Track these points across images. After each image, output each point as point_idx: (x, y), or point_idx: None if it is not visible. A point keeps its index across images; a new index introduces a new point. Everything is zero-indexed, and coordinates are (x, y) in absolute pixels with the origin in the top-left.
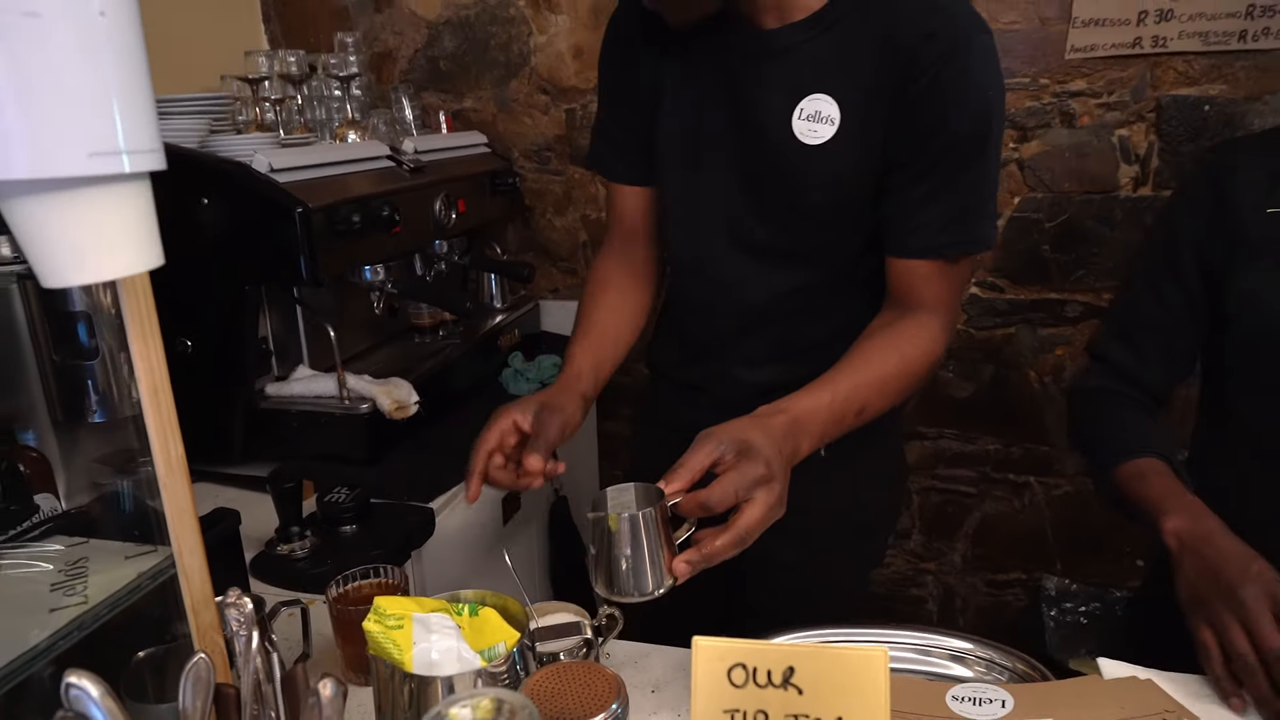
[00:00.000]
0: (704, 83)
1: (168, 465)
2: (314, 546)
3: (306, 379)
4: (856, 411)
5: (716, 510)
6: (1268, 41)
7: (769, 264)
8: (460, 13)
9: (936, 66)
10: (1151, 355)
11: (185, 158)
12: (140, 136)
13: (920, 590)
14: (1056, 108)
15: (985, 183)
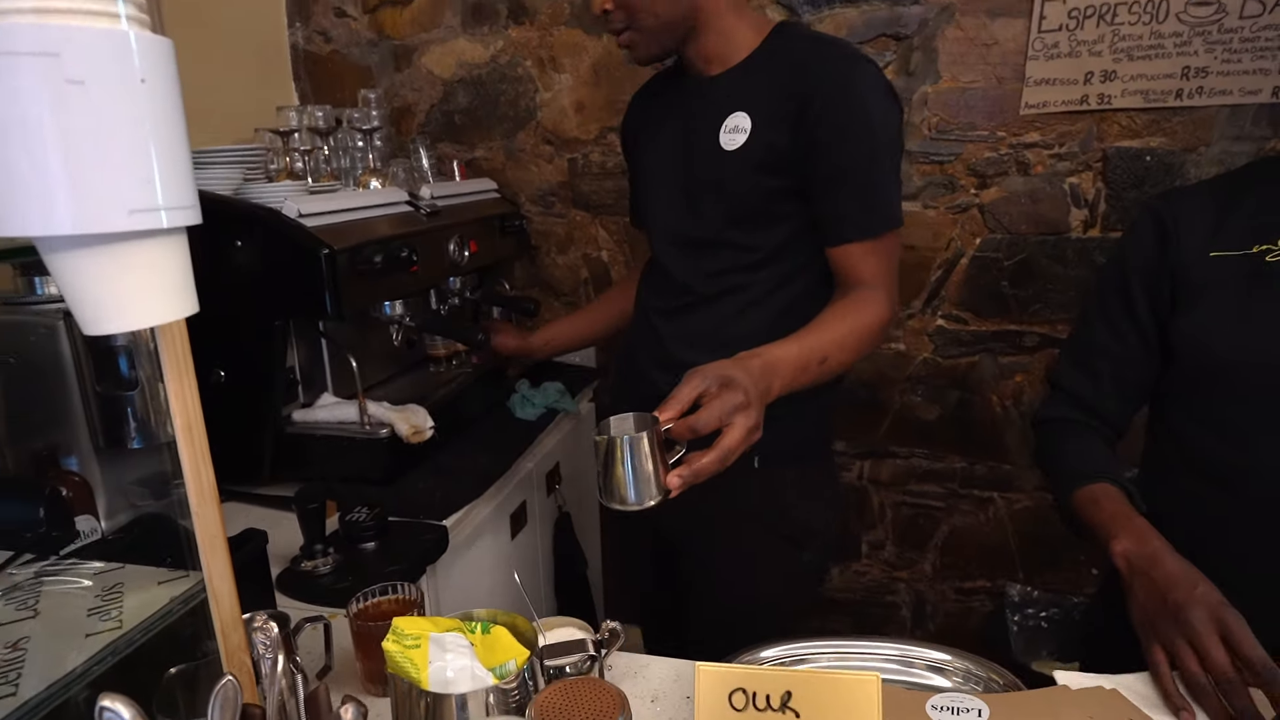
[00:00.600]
0: (665, 128)
1: (200, 495)
2: (336, 563)
3: (330, 406)
4: (819, 361)
5: (703, 432)
6: (1201, 99)
7: (700, 253)
8: (473, 72)
9: (829, 94)
10: (1107, 384)
11: (221, 204)
12: (177, 194)
13: (894, 597)
14: (1013, 158)
15: (885, 175)
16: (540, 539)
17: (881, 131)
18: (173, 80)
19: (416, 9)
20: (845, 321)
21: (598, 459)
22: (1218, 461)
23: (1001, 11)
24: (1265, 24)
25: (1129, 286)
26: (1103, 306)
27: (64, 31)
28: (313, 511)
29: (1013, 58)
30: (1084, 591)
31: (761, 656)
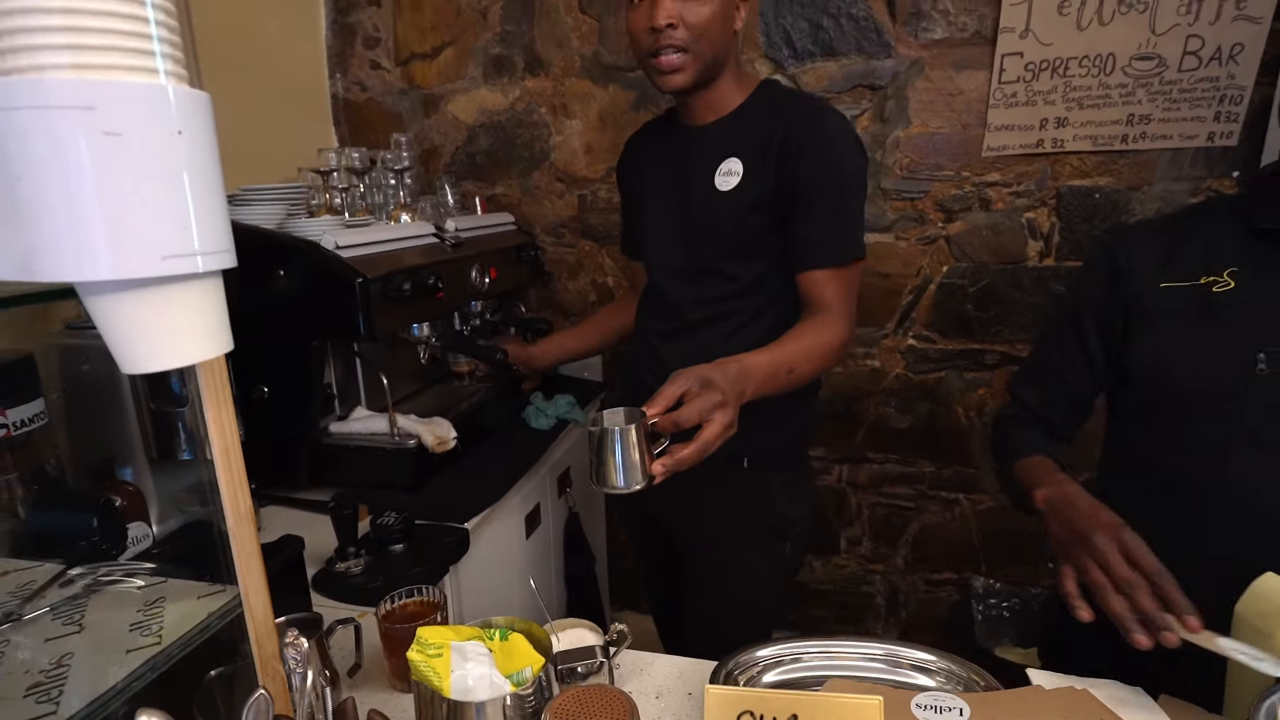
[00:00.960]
0: (661, 170)
1: (236, 515)
2: (368, 564)
3: (363, 419)
4: (787, 371)
5: (685, 427)
6: (1144, 143)
7: (693, 282)
8: (493, 118)
9: (805, 139)
10: (1053, 400)
11: (266, 237)
12: (213, 239)
13: (870, 588)
14: (976, 195)
15: (851, 212)
16: (552, 536)
17: (849, 172)
18: (209, 131)
19: (443, 62)
20: (809, 339)
21: (591, 447)
22: (1171, 472)
23: (966, 65)
24: (1201, 76)
25: (1080, 317)
26: (1056, 332)
27: (101, 86)
28: (346, 517)
29: (976, 106)
30: (1041, 584)
31: (757, 656)
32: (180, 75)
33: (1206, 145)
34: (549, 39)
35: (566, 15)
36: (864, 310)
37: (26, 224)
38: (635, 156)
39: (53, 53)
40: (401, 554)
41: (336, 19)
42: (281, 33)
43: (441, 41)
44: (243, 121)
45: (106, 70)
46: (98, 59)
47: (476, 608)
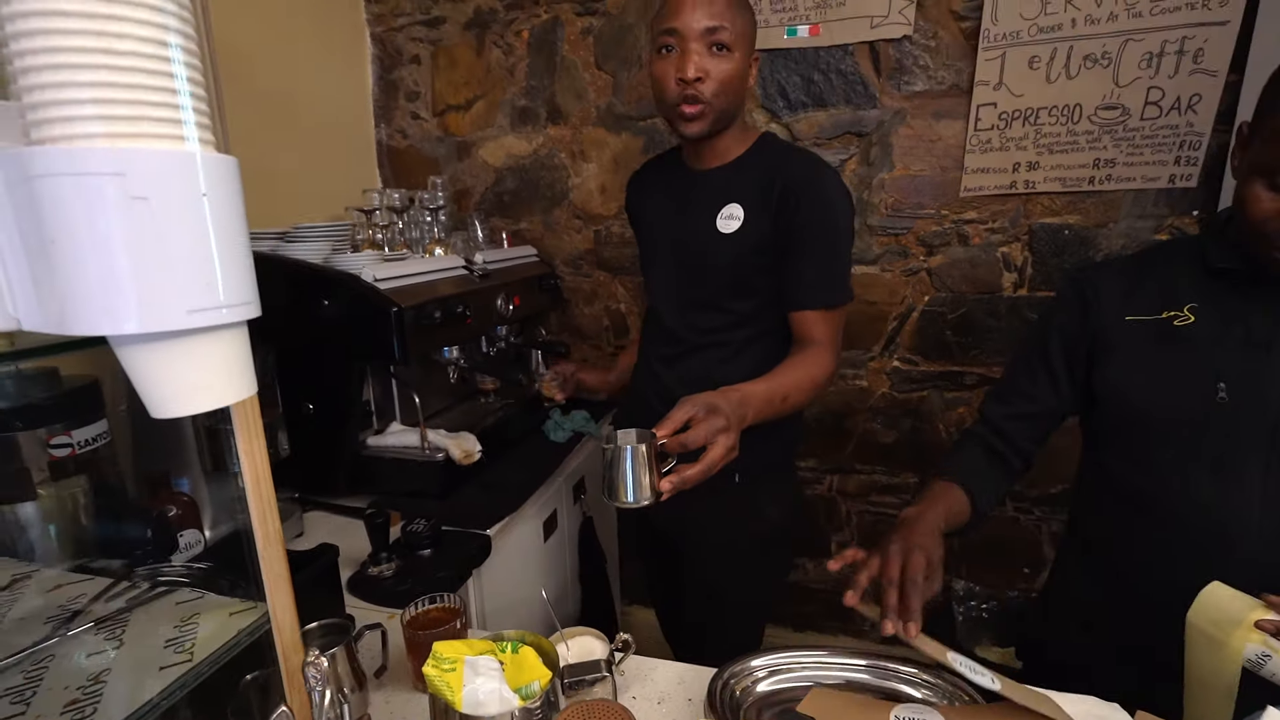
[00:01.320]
0: (665, 209)
1: (266, 539)
2: (398, 568)
3: (397, 433)
4: (782, 398)
5: (691, 448)
6: (1109, 185)
7: (693, 312)
8: (519, 161)
9: (802, 189)
10: (1018, 420)
11: (313, 270)
12: (236, 292)
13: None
14: (954, 231)
15: (841, 259)
16: (567, 540)
17: (842, 224)
18: (233, 191)
19: (475, 113)
20: (801, 371)
21: (604, 464)
22: (1140, 494)
23: (944, 114)
24: (1162, 124)
25: (1048, 344)
26: (1025, 359)
27: (129, 154)
28: (379, 525)
29: (953, 151)
30: (1018, 587)
31: (751, 665)
32: (207, 140)
33: (1168, 186)
34: (568, 92)
35: (584, 72)
36: (852, 334)
37: (60, 282)
38: (638, 193)
39: (85, 123)
40: (429, 558)
41: (382, 75)
42: (334, 88)
43: (473, 95)
44: (299, 166)
45: (135, 138)
46: (127, 128)
47: (497, 608)
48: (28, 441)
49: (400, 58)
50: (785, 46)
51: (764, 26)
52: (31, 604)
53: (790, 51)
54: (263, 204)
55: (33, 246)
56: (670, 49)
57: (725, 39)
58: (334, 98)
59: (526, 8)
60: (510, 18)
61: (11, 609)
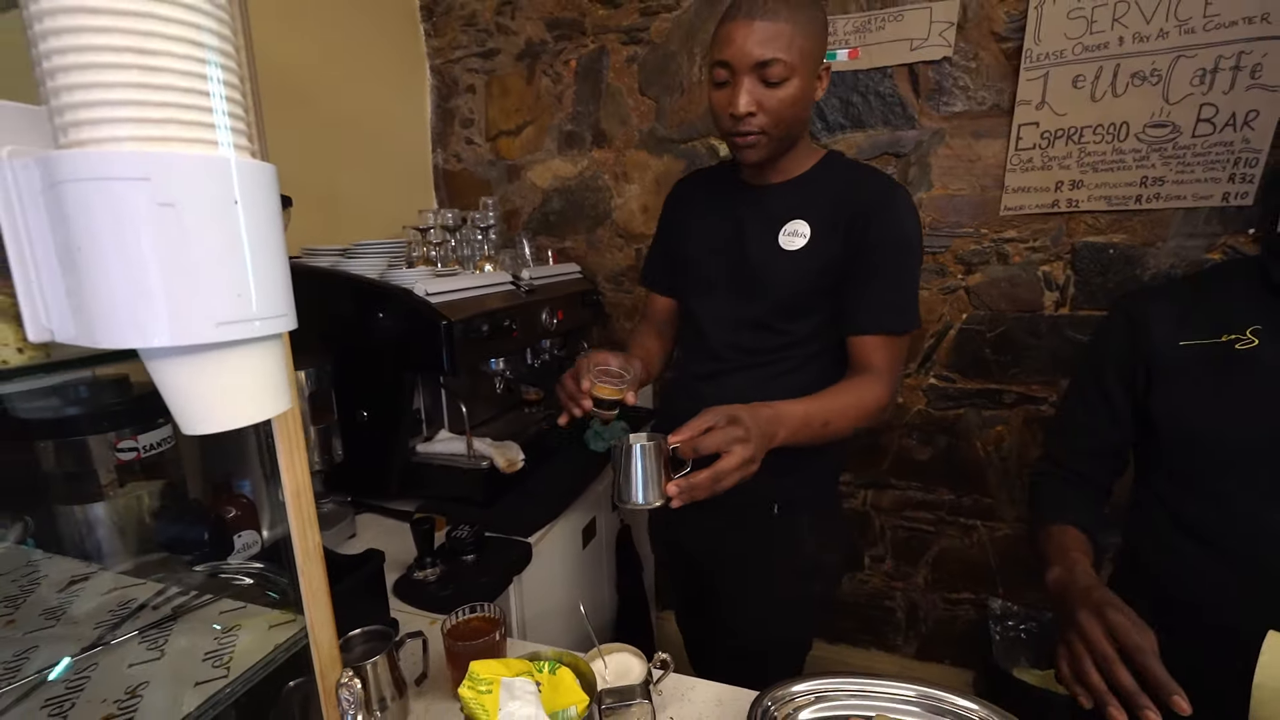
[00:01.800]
0: (718, 221)
1: (305, 553)
2: (443, 573)
3: (445, 440)
4: (822, 423)
5: (702, 453)
6: (1158, 203)
7: (744, 331)
8: (564, 183)
9: (877, 210)
10: (1083, 454)
11: (369, 284)
12: (270, 304)
13: (891, 603)
14: (994, 250)
15: (909, 284)
16: (605, 547)
17: (914, 248)
18: (268, 200)
19: (524, 138)
20: (850, 396)
21: (614, 463)
22: (1199, 520)
23: (984, 134)
24: (1215, 141)
25: (1102, 374)
26: (1080, 389)
27: (156, 158)
28: (424, 532)
29: (993, 170)
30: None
31: (793, 691)
32: (242, 146)
33: (1221, 205)
34: (613, 117)
35: (628, 98)
36: None
37: (87, 292)
38: (687, 201)
39: (111, 125)
40: (472, 564)
41: (439, 104)
42: (397, 116)
43: (524, 121)
44: (362, 188)
45: (164, 142)
46: (155, 131)
47: (537, 613)
48: (97, 445)
49: (456, 87)
50: None
51: None
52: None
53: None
54: (328, 223)
55: (63, 256)
56: (723, 83)
57: (779, 73)
58: (396, 125)
59: (575, 38)
60: (559, 48)
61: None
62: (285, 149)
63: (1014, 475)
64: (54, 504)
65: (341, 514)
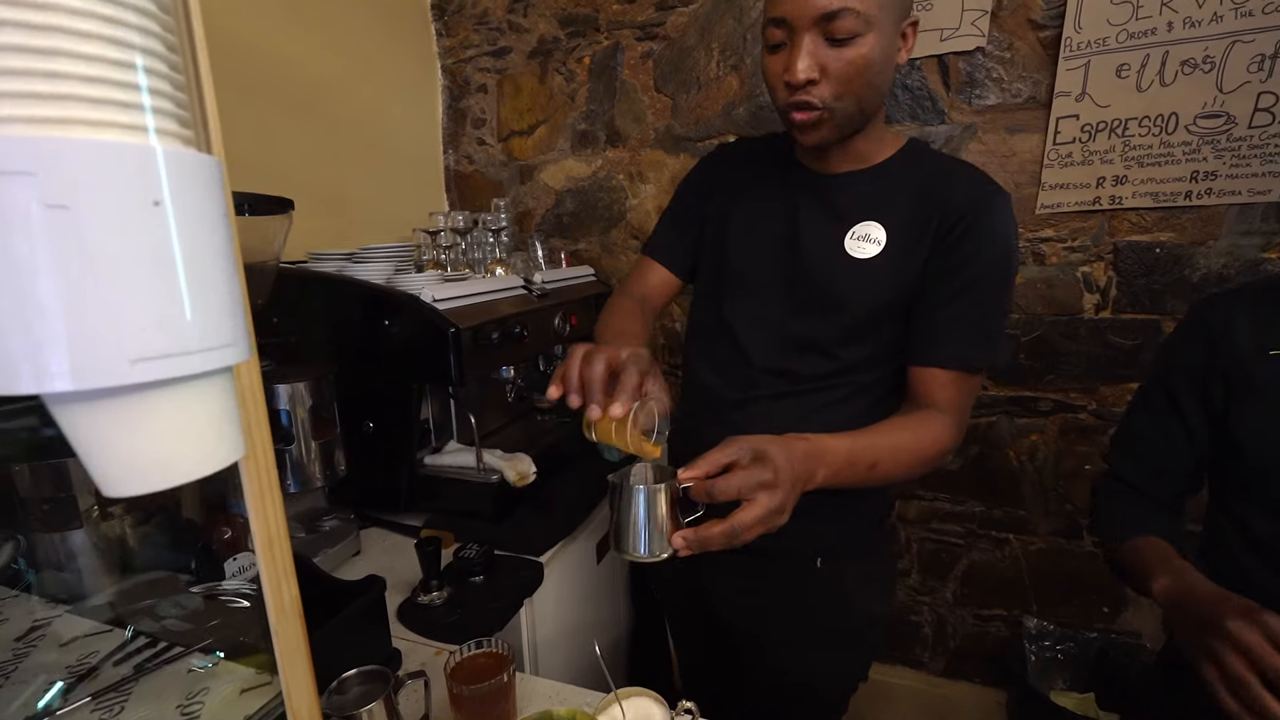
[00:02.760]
0: (765, 209)
1: (280, 611)
2: (449, 596)
3: (454, 452)
4: (869, 464)
5: (718, 499)
6: (1209, 199)
7: (793, 350)
8: (578, 184)
9: (974, 216)
10: (1151, 473)
11: (374, 290)
12: (210, 332)
13: (918, 617)
14: (1030, 250)
15: (1001, 311)
16: (620, 560)
17: (1008, 269)
18: (209, 202)
19: (537, 138)
20: (905, 434)
21: (611, 505)
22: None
23: (1019, 128)
24: (1274, 132)
25: (1174, 386)
26: (1147, 402)
27: (43, 145)
28: (430, 553)
29: (1029, 166)
30: (1096, 627)
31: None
32: (173, 133)
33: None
34: (628, 115)
35: (643, 95)
36: None
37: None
38: (726, 177)
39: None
40: (481, 586)
41: (451, 104)
42: (408, 118)
43: (536, 120)
44: (371, 190)
45: (62, 125)
46: (51, 110)
47: (549, 634)
48: (76, 468)
49: (468, 87)
50: None
51: None
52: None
53: None
54: (336, 226)
55: None
56: (778, 45)
57: (850, 26)
58: (407, 126)
59: (588, 35)
60: (572, 45)
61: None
62: (292, 150)
63: (1049, 487)
64: (31, 532)
65: (345, 530)
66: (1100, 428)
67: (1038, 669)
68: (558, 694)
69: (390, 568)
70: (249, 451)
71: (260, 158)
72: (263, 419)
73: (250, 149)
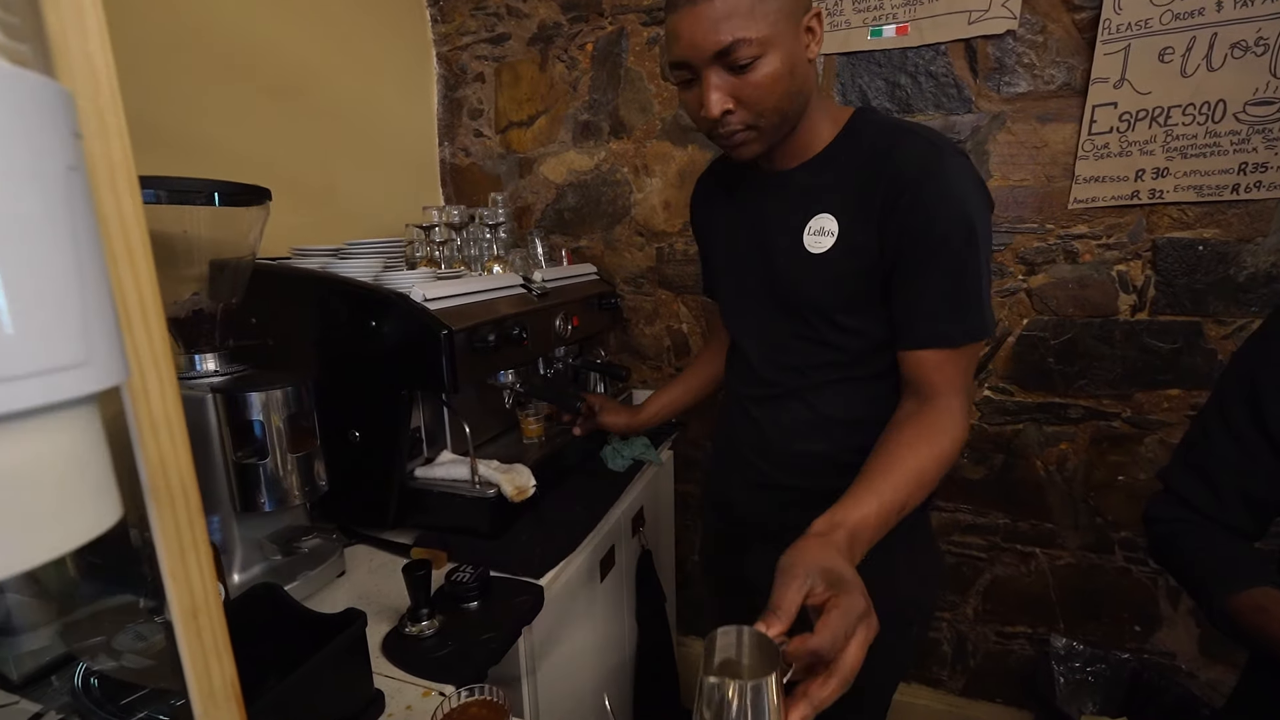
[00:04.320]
0: (743, 220)
1: (208, 696)
2: (440, 625)
3: (447, 463)
4: (899, 510)
5: (828, 658)
6: (1260, 193)
7: (781, 349)
8: (580, 178)
9: (918, 182)
10: (1229, 498)
11: (360, 289)
12: (47, 347)
13: (936, 634)
14: (1061, 248)
15: (974, 278)
16: (625, 576)
17: (972, 228)
18: (33, 149)
19: (537, 129)
20: (922, 451)
21: (705, 703)
22: None
23: (1052, 117)
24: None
25: (1258, 395)
26: (1224, 414)
27: None
28: (419, 579)
29: (1062, 158)
30: (1128, 647)
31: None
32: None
33: None
34: (632, 105)
35: (649, 83)
36: None
37: None
38: (705, 200)
39: None
40: (475, 613)
41: (446, 94)
42: (401, 108)
43: (536, 111)
44: (362, 183)
45: None
46: None
47: (548, 669)
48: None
49: (465, 76)
50: (869, 49)
51: (845, 28)
52: None
53: (874, 54)
54: (324, 221)
55: None
56: (688, 83)
57: (748, 53)
58: (400, 118)
59: (591, 20)
60: (574, 31)
61: None
62: (273, 139)
63: (1079, 498)
64: None
65: (328, 550)
66: (1135, 436)
67: (1066, 691)
68: None
69: (377, 590)
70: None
71: (238, 146)
72: (183, 455)
73: (227, 136)
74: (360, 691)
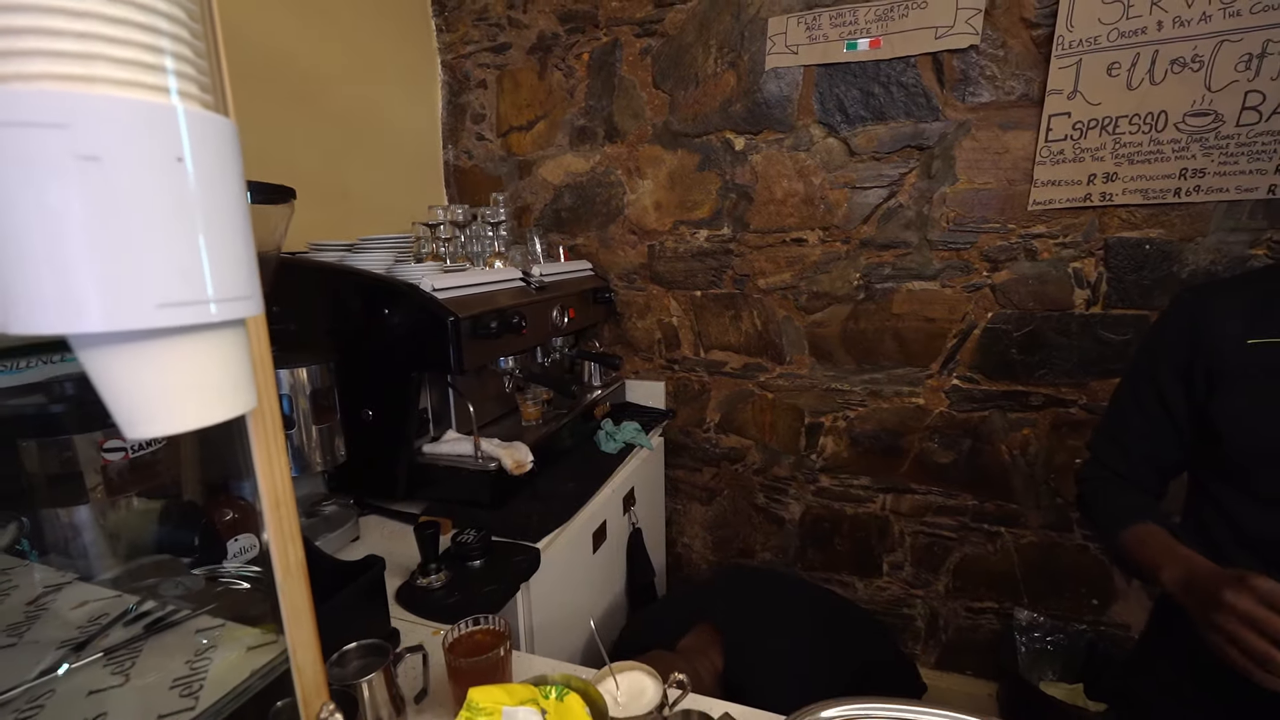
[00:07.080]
0: None
1: (285, 569)
2: (448, 579)
3: (452, 441)
4: None
5: None
6: (1198, 196)
7: None
8: (576, 179)
9: None
10: (1137, 461)
11: (375, 279)
12: (228, 284)
13: (910, 610)
14: (1021, 246)
15: None
16: (616, 550)
17: None
18: (227, 161)
19: (536, 133)
20: None
21: None
22: (1264, 536)
23: (1012, 125)
24: (1261, 130)
25: (1158, 375)
26: (1134, 391)
27: (75, 100)
28: (428, 536)
29: (1022, 163)
30: (1085, 619)
31: (821, 717)
32: (194, 95)
33: (1267, 197)
34: (626, 111)
35: (642, 91)
36: (910, 352)
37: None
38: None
39: (20, 60)
40: (479, 570)
41: (450, 100)
42: (408, 113)
43: (535, 116)
44: (372, 183)
45: (88, 83)
46: (78, 68)
47: (545, 620)
48: (82, 445)
49: (468, 83)
50: (844, 60)
51: (824, 41)
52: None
53: (850, 65)
54: (337, 219)
55: None
56: None
57: None
58: (407, 121)
59: (588, 31)
60: (571, 41)
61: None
62: (294, 142)
63: (1040, 480)
64: (37, 508)
65: (345, 516)
66: (1091, 422)
67: (1028, 660)
68: (554, 670)
69: (389, 552)
70: (258, 407)
71: (262, 148)
72: (270, 381)
73: (251, 139)
74: (379, 627)
